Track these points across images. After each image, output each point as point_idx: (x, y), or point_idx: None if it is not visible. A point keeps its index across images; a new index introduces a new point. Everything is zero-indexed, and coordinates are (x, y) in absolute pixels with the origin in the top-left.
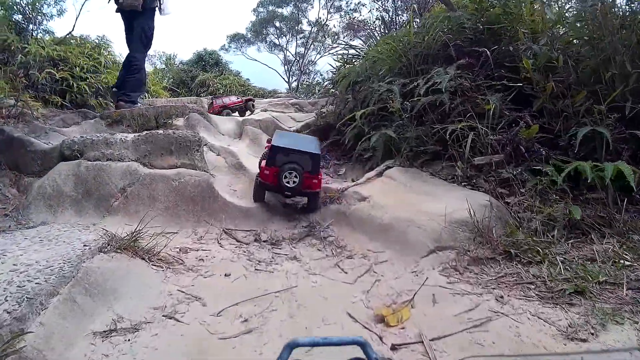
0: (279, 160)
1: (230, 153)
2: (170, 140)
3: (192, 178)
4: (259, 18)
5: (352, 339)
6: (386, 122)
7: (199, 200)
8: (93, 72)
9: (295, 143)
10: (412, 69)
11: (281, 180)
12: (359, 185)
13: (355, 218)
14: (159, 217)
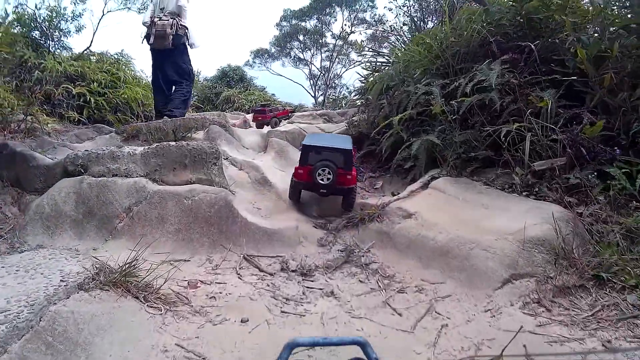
0: (312, 158)
1: (254, 167)
2: (183, 152)
3: (208, 195)
4: (282, 32)
5: (352, 339)
6: (427, 127)
7: (216, 221)
8: (111, 87)
9: (326, 141)
10: (450, 68)
11: (315, 178)
12: (402, 200)
13: (402, 239)
14: (169, 241)
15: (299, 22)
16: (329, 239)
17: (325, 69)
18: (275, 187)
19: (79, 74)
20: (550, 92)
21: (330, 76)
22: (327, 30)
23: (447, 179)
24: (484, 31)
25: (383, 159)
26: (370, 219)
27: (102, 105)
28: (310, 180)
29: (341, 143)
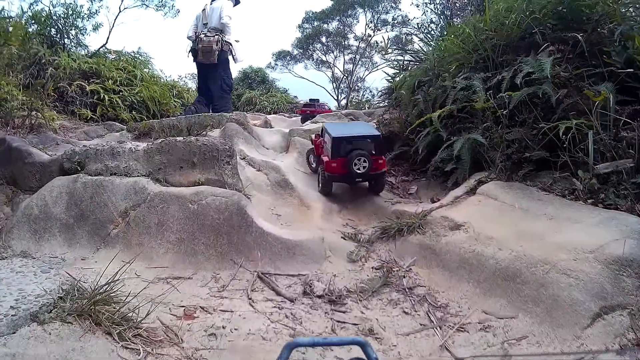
0: (344, 149)
1: (274, 168)
2: (191, 149)
3: (217, 199)
4: (304, 34)
5: (352, 339)
6: (469, 124)
7: (225, 231)
8: (127, 85)
9: (352, 130)
10: (489, 62)
11: (352, 168)
12: (447, 208)
13: (452, 256)
14: (168, 252)
15: (321, 23)
16: (361, 253)
17: (348, 71)
18: (298, 191)
19: (94, 71)
20: (609, 86)
21: (353, 79)
22: (349, 32)
23: (498, 184)
24: (527, 20)
25: (418, 161)
26: (409, 229)
27: (116, 103)
28: (346, 172)
29: (367, 130)
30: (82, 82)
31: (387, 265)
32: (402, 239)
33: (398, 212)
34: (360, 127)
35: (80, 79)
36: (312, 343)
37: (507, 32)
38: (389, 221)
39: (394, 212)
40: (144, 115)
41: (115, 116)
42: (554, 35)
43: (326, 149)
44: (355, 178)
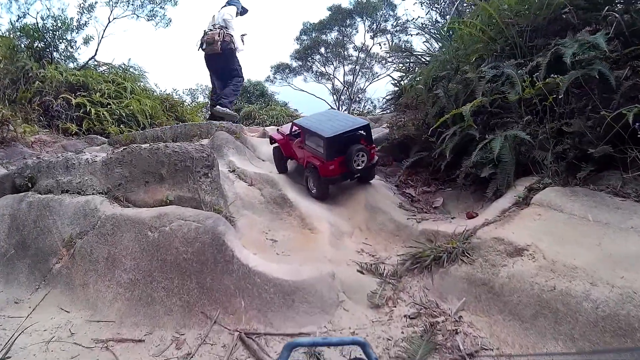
0: (339, 148)
1: (270, 182)
2: (159, 159)
3: (186, 225)
4: (303, 46)
5: (352, 339)
6: (505, 119)
7: (195, 270)
8: (116, 97)
9: (340, 124)
10: (517, 49)
11: (352, 166)
12: (496, 226)
13: (521, 297)
14: (118, 300)
15: (320, 34)
16: (387, 294)
17: (348, 83)
18: (298, 209)
19: (81, 84)
20: None
21: (354, 90)
22: (348, 42)
23: (557, 190)
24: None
25: (442, 167)
26: (450, 257)
27: (103, 116)
28: (345, 171)
29: (354, 120)
30: (68, 95)
31: (426, 312)
32: (441, 270)
33: (428, 233)
34: (344, 118)
35: (66, 92)
36: (312, 343)
37: (535, 14)
38: (419, 245)
39: (423, 233)
40: (134, 129)
41: (102, 130)
42: (585, 16)
43: (312, 150)
44: (354, 175)
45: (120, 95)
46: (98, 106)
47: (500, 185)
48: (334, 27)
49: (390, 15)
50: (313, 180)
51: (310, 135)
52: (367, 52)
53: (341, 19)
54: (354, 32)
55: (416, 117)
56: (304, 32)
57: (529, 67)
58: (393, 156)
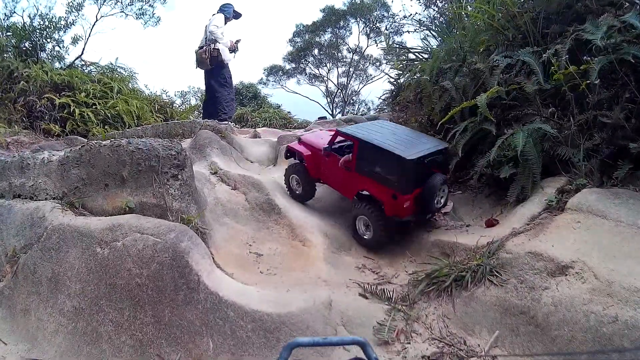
0: (420, 176)
1: (256, 186)
2: (120, 157)
3: (142, 240)
4: (296, 48)
5: (352, 339)
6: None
7: (150, 299)
8: (101, 98)
9: (413, 143)
10: (530, 37)
11: (432, 204)
12: (527, 236)
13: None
14: (60, 332)
15: (313, 36)
16: (397, 325)
17: (342, 85)
18: (288, 216)
19: (66, 83)
20: None
21: (348, 92)
22: (342, 43)
23: (598, 193)
24: None
25: (452, 168)
26: (475, 276)
27: (88, 117)
28: (419, 208)
29: (432, 141)
30: (52, 95)
31: (449, 351)
32: (464, 294)
33: (443, 245)
34: (418, 136)
35: (50, 92)
36: (312, 343)
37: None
38: (434, 261)
39: (436, 245)
40: (120, 130)
41: (86, 131)
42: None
43: (372, 174)
44: (428, 216)
45: (107, 95)
46: (83, 107)
47: (524, 187)
48: (327, 28)
49: (384, 16)
50: (371, 221)
51: (374, 154)
52: (361, 53)
53: (335, 20)
54: (347, 33)
55: (419, 113)
56: (297, 34)
57: (546, 54)
58: None
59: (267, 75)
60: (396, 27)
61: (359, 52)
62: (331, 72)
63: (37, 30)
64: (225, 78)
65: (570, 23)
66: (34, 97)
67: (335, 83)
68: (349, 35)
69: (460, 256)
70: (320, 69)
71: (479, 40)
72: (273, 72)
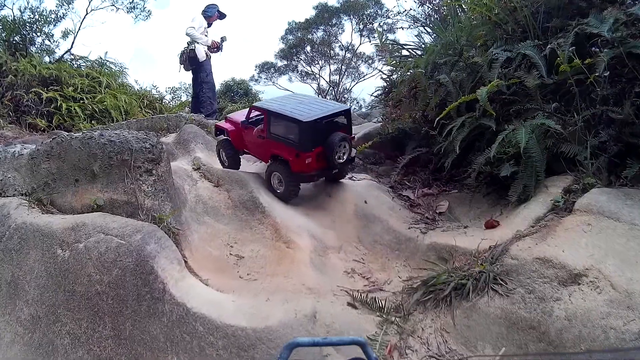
0: (318, 136)
1: (240, 182)
2: (91, 151)
3: (104, 242)
4: (288, 45)
5: (351, 339)
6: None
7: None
8: (89, 92)
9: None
10: (530, 30)
11: (333, 159)
12: (535, 240)
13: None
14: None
15: (306, 33)
16: (389, 340)
17: (334, 83)
18: (272, 216)
19: (54, 77)
20: None
21: (340, 90)
22: (334, 41)
23: (608, 193)
24: None
25: (447, 165)
26: (477, 285)
27: (75, 112)
28: (323, 166)
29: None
30: (40, 90)
31: None
32: (465, 305)
33: (440, 249)
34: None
35: (38, 86)
36: (312, 343)
37: None
38: (430, 266)
39: (432, 249)
40: (108, 125)
41: (72, 126)
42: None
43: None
44: (332, 171)
45: (95, 90)
46: (70, 101)
47: (527, 186)
48: (320, 25)
49: (377, 14)
50: (280, 177)
51: (279, 120)
52: (353, 51)
53: (328, 17)
54: (340, 31)
55: (413, 108)
56: (289, 31)
57: (550, 46)
58: (386, 153)
59: (259, 72)
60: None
61: (351, 50)
62: (323, 70)
63: (28, 23)
64: (202, 77)
65: (573, 17)
66: (22, 92)
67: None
68: (342, 32)
69: (460, 261)
70: (312, 66)
71: (476, 34)
72: (265, 68)
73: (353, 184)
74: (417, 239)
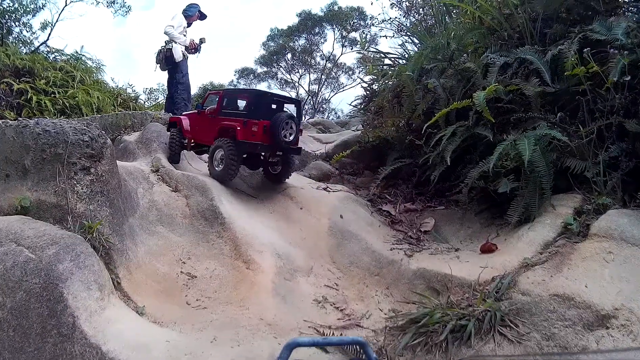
0: (267, 110)
1: (200, 188)
2: (24, 141)
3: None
4: (269, 51)
5: (351, 339)
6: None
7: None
8: (61, 86)
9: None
10: (527, 37)
11: (279, 136)
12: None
13: None
14: None
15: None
16: None
17: (313, 92)
18: (232, 228)
19: (28, 69)
20: None
21: (319, 100)
22: (316, 50)
23: (630, 215)
24: None
25: (434, 178)
26: (480, 327)
27: (45, 105)
28: (268, 141)
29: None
30: (11, 80)
31: None
32: (467, 352)
33: (430, 277)
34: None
35: (11, 77)
36: (312, 343)
37: None
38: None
39: (421, 276)
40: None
41: None
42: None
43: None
44: (278, 150)
45: (67, 84)
46: (41, 94)
47: (530, 205)
48: (302, 33)
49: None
50: (223, 152)
51: (232, 98)
52: (334, 61)
53: (310, 25)
54: (322, 40)
55: (397, 115)
56: (271, 37)
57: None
58: (365, 164)
59: (238, 78)
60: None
61: (332, 60)
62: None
63: (7, 12)
64: (178, 77)
65: (573, 24)
66: None
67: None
68: (324, 42)
69: (456, 294)
70: (292, 74)
71: (467, 39)
72: (244, 74)
73: (327, 196)
74: (401, 262)
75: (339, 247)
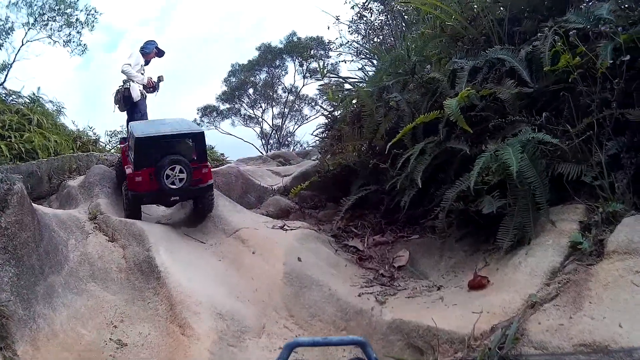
0: (152, 155)
1: (137, 237)
2: None
3: None
4: (231, 87)
5: (352, 339)
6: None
7: None
8: (17, 130)
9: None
10: (494, 37)
11: (163, 182)
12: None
13: None
14: None
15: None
16: None
17: (277, 126)
18: (168, 284)
19: None
20: None
21: (283, 134)
22: (278, 83)
23: None
24: None
25: (405, 204)
26: None
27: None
28: (156, 188)
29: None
30: None
31: None
32: None
33: (409, 330)
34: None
35: None
36: (312, 343)
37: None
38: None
39: (397, 330)
40: None
41: None
42: None
43: (130, 157)
44: (169, 196)
45: (24, 127)
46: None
47: (523, 224)
48: (263, 67)
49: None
50: (124, 196)
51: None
52: (296, 93)
53: (271, 59)
54: (283, 73)
55: (358, 138)
56: (232, 73)
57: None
58: (327, 195)
59: (201, 116)
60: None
61: (294, 92)
62: (266, 113)
63: None
64: (137, 117)
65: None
66: None
67: (270, 124)
68: (285, 74)
69: (445, 354)
70: (255, 109)
71: (429, 50)
72: (207, 112)
73: (284, 235)
74: (372, 312)
75: (297, 297)
